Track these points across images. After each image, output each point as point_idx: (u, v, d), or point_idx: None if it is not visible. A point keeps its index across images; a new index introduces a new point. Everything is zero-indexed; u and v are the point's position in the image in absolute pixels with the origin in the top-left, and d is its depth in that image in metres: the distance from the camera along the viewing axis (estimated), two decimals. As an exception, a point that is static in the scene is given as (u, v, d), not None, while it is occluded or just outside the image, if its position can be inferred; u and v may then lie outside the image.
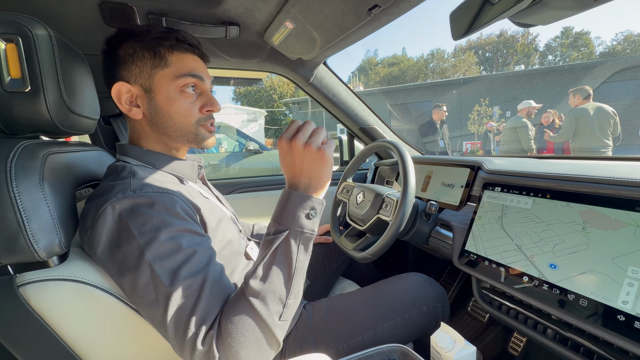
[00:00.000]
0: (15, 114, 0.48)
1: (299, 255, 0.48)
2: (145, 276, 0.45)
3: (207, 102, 0.62)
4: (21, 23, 0.46)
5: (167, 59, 0.58)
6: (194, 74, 0.59)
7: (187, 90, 0.59)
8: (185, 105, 0.59)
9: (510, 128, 4.20)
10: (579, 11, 0.48)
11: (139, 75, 0.58)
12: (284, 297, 0.47)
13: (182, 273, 0.45)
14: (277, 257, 0.47)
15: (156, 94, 0.58)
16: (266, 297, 0.45)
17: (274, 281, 0.46)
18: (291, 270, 0.47)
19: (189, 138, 0.62)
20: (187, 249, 0.47)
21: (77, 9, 0.79)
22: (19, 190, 0.42)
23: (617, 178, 0.57)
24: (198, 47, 0.63)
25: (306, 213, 0.48)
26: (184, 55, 0.60)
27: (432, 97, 12.63)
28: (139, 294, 0.45)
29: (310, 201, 0.49)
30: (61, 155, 0.54)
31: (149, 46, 0.57)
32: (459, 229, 0.83)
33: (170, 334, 0.44)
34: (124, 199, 0.48)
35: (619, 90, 8.42)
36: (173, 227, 0.48)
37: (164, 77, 0.58)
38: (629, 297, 0.48)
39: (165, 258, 0.46)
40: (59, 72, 0.51)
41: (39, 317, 0.45)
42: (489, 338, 1.02)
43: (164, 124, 0.60)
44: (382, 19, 0.75)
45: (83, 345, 0.50)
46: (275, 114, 27.27)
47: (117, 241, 0.47)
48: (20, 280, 0.44)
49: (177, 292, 0.44)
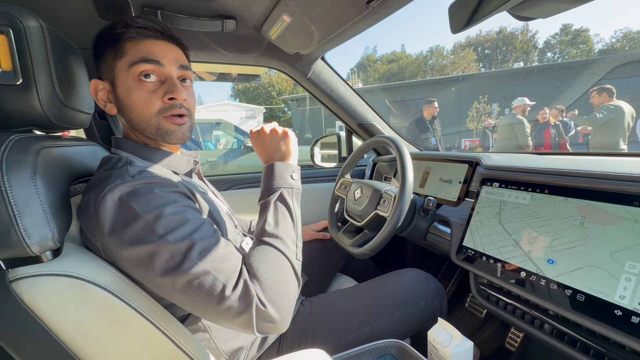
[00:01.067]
0: (7, 107, 0.47)
1: (294, 206, 0.59)
2: (160, 247, 0.45)
3: (169, 90, 0.56)
4: (12, 14, 0.45)
5: (123, 48, 0.55)
6: (147, 59, 0.55)
7: (143, 79, 0.55)
8: (143, 95, 0.56)
9: (506, 125, 4.23)
10: (578, 4, 0.48)
11: (106, 70, 0.58)
12: (294, 239, 0.56)
13: (196, 237, 0.47)
14: (279, 208, 0.56)
15: (117, 86, 0.57)
16: (283, 238, 0.53)
17: (284, 225, 0.55)
18: (293, 217, 0.57)
19: (152, 132, 0.58)
20: (195, 220, 0.49)
21: (72, 1, 0.78)
22: (10, 184, 0.41)
23: (615, 173, 0.57)
24: (160, 30, 0.57)
25: (290, 174, 0.61)
26: (140, 41, 0.56)
27: (431, 94, 12.61)
28: (155, 270, 0.45)
29: (290, 166, 0.62)
30: (55, 149, 0.53)
31: (112, 38, 0.56)
32: (457, 225, 0.83)
33: (203, 294, 0.44)
34: (123, 183, 0.48)
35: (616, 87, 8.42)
36: (177, 203, 0.49)
37: (121, 67, 0.56)
38: (626, 291, 0.48)
39: (176, 228, 0.46)
40: (51, 65, 0.50)
41: (32, 313, 0.44)
42: (487, 333, 1.02)
43: (128, 117, 0.58)
44: (381, 12, 0.75)
45: (77, 341, 0.49)
46: (274, 111, 27.19)
47: (122, 222, 0.46)
48: (13, 275, 0.43)
49: (196, 252, 0.45)
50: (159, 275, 0.45)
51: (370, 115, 1.37)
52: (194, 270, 0.44)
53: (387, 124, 1.42)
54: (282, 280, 0.49)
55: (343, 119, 1.38)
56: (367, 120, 1.36)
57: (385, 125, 1.41)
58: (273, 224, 0.54)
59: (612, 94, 3.38)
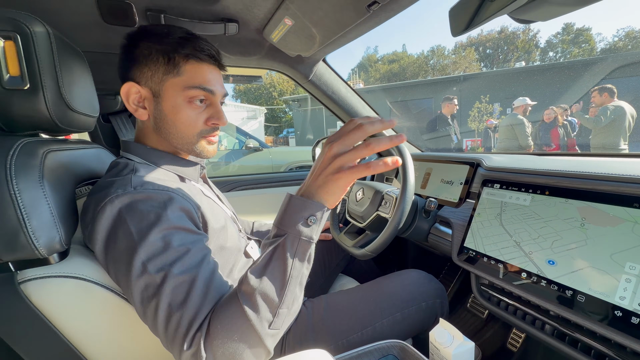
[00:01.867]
0: (15, 111, 0.48)
1: (294, 262, 0.44)
2: (137, 273, 0.45)
3: (214, 115, 0.61)
4: (19, 20, 0.46)
5: (180, 68, 0.57)
6: (204, 88, 0.58)
7: (195, 102, 0.59)
8: (191, 116, 0.59)
9: (507, 126, 4.23)
10: (579, 7, 0.48)
11: (150, 78, 0.57)
12: (275, 305, 0.44)
13: (173, 271, 0.45)
14: (272, 262, 0.44)
15: (163, 100, 0.58)
16: (257, 303, 0.43)
17: (266, 287, 0.43)
18: (285, 278, 0.44)
19: (189, 148, 0.62)
20: (179, 248, 0.47)
21: (75, 5, 0.79)
22: (19, 187, 0.42)
23: (615, 174, 0.57)
24: (216, 58, 0.61)
25: (305, 219, 0.44)
26: (199, 65, 0.58)
27: (433, 94, 12.59)
28: (132, 290, 0.46)
29: (310, 206, 0.44)
30: (61, 152, 0.54)
31: (165, 51, 0.56)
32: (458, 226, 0.83)
33: (160, 332, 0.44)
34: (124, 195, 0.49)
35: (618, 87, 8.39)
36: (168, 225, 0.48)
37: (174, 85, 0.57)
38: (627, 292, 0.49)
39: (157, 256, 0.46)
40: (57, 69, 0.51)
41: (40, 313, 0.45)
42: (488, 334, 1.02)
43: (167, 130, 0.60)
44: (382, 16, 0.75)
45: (84, 341, 0.50)
46: (275, 112, 27.21)
47: (114, 237, 0.47)
48: (21, 277, 0.44)
49: (167, 290, 0.44)
50: (130, 295, 0.47)
51: (372, 117, 1.37)
52: (160, 307, 0.44)
53: (388, 125, 1.42)
54: (238, 349, 0.43)
55: (344, 120, 1.39)
56: (369, 121, 1.36)
57: (386, 126, 1.41)
58: (252, 282, 0.44)
59: (613, 94, 3.38)
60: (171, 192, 0.53)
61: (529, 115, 4.19)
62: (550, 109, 4.52)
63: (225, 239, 0.62)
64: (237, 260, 0.66)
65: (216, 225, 0.60)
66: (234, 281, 0.65)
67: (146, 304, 0.45)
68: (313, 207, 0.44)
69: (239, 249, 0.67)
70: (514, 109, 4.27)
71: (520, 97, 4.25)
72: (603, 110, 3.35)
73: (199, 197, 0.60)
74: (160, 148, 0.62)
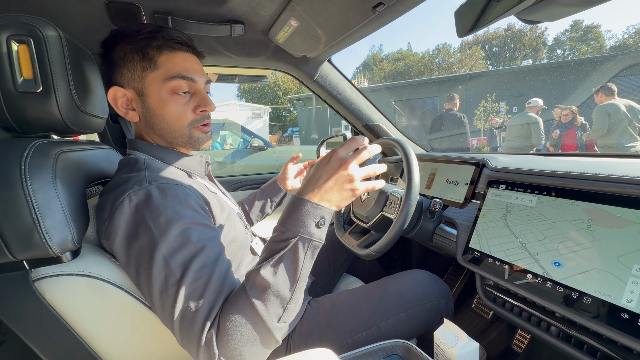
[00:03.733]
0: (28, 113, 0.49)
1: (305, 262, 0.47)
2: (159, 268, 0.46)
3: (201, 103, 0.60)
4: (32, 25, 0.47)
5: (156, 61, 0.57)
6: (184, 76, 0.58)
7: (179, 93, 0.59)
8: (178, 108, 0.59)
9: (520, 124, 4.19)
10: (586, 7, 0.48)
11: (131, 78, 0.58)
12: (285, 302, 0.46)
13: (192, 267, 0.46)
14: (284, 262, 0.46)
15: (148, 97, 0.58)
16: (269, 300, 0.45)
17: (278, 286, 0.46)
18: (296, 277, 0.47)
19: (184, 140, 0.62)
20: (197, 243, 0.48)
21: (85, 8, 0.80)
22: (33, 188, 0.43)
23: (622, 176, 0.57)
24: (188, 44, 0.60)
25: (316, 222, 0.48)
26: (173, 54, 0.58)
27: (438, 93, 12.50)
28: (151, 284, 0.47)
29: (321, 210, 0.48)
30: (72, 153, 0.55)
31: (138, 48, 0.56)
32: (463, 227, 0.83)
33: (176, 325, 0.45)
34: (141, 189, 0.50)
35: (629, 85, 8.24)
36: (186, 220, 0.49)
37: (155, 79, 0.57)
38: (633, 295, 0.48)
39: (177, 251, 0.47)
40: (69, 72, 0.52)
41: (54, 310, 0.47)
42: (493, 335, 1.02)
43: (159, 126, 0.60)
44: (387, 17, 0.75)
45: (96, 338, 0.51)
46: (280, 111, 27.26)
47: (134, 233, 0.48)
48: (36, 275, 0.45)
49: (186, 284, 0.45)
50: (148, 290, 0.47)
51: (377, 117, 1.37)
52: (178, 302, 0.45)
53: (393, 124, 1.42)
54: (249, 343, 0.45)
55: (349, 120, 1.39)
56: (374, 121, 1.37)
57: (391, 126, 1.41)
58: (263, 281, 0.45)
59: (612, 92, 3.31)
60: (185, 187, 0.54)
61: (540, 116, 4.17)
62: (568, 109, 4.45)
63: (234, 235, 0.63)
64: (244, 256, 0.67)
65: (224, 221, 0.61)
66: (241, 277, 0.65)
67: (165, 298, 0.46)
68: (324, 212, 0.49)
69: (246, 245, 0.68)
70: (528, 108, 4.24)
71: (534, 98, 4.25)
72: (597, 115, 3.30)
73: (207, 193, 0.61)
74: (159, 143, 0.63)
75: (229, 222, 0.62)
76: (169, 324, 0.46)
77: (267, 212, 1.04)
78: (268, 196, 1.02)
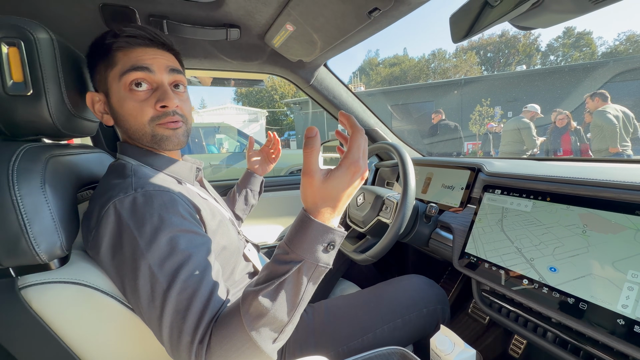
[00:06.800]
0: (18, 117, 0.48)
1: (307, 287, 0.43)
2: (144, 278, 0.45)
3: (160, 97, 0.56)
4: (23, 27, 0.47)
5: (115, 58, 0.55)
6: (137, 66, 0.54)
7: (135, 88, 0.55)
8: (135, 104, 0.55)
9: (513, 129, 4.22)
10: (579, 14, 0.49)
11: (99, 81, 0.58)
12: (282, 325, 0.43)
13: (180, 276, 0.45)
14: (285, 287, 0.42)
15: (111, 97, 0.57)
16: (265, 325, 0.42)
17: (277, 312, 0.42)
18: (297, 301, 0.43)
19: (148, 140, 0.58)
20: (185, 251, 0.47)
21: (79, 11, 0.79)
22: (20, 193, 0.42)
23: (617, 181, 0.57)
24: (152, 38, 0.57)
25: (325, 246, 0.42)
26: (130, 50, 0.55)
27: (434, 97, 12.62)
28: (138, 294, 0.45)
29: (332, 235, 0.43)
30: (63, 157, 0.54)
31: (103, 50, 0.56)
32: (459, 231, 0.83)
33: (165, 337, 0.44)
34: (126, 197, 0.49)
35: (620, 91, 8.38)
36: (173, 227, 0.48)
37: (114, 77, 0.55)
38: (629, 301, 0.48)
39: (164, 260, 0.46)
40: (60, 75, 0.51)
41: (41, 319, 0.45)
42: (490, 340, 1.02)
43: (123, 126, 0.59)
44: (382, 22, 0.76)
45: (85, 348, 0.50)
46: (277, 114, 27.30)
47: (119, 242, 0.47)
48: (22, 282, 0.44)
49: (173, 294, 0.44)
50: (135, 300, 0.46)
51: (373, 121, 1.37)
52: (166, 312, 0.43)
53: (389, 129, 1.43)
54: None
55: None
56: (370, 125, 1.37)
57: (387, 130, 1.41)
58: (260, 306, 0.41)
59: (606, 98, 3.37)
60: (172, 193, 0.53)
61: (534, 122, 4.21)
62: (564, 114, 4.47)
63: (226, 241, 0.62)
64: (237, 262, 0.66)
65: (216, 227, 0.60)
66: (234, 283, 0.64)
67: (152, 309, 0.45)
68: (335, 236, 0.43)
69: (239, 251, 0.67)
70: (524, 113, 4.27)
71: (532, 104, 4.28)
72: (596, 119, 3.35)
73: (197, 199, 0.59)
74: (146, 148, 0.61)
75: (221, 228, 0.61)
76: (158, 335, 0.45)
77: (252, 203, 1.03)
78: (246, 188, 1.01)
